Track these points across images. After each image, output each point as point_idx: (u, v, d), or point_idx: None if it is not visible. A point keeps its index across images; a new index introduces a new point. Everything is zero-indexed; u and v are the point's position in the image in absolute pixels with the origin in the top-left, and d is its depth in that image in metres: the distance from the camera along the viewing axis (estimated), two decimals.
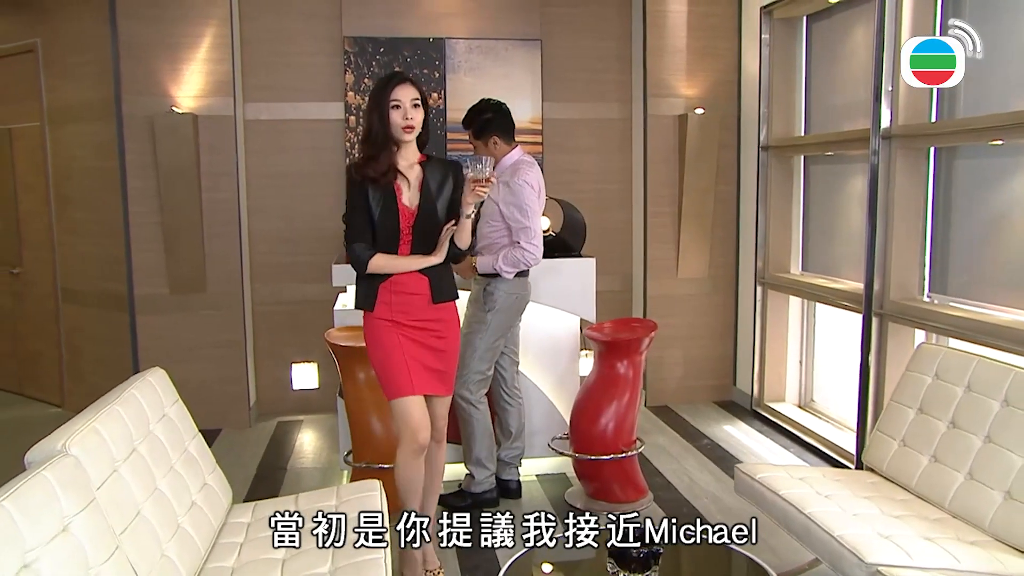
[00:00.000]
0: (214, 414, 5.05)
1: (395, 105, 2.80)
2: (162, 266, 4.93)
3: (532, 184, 3.60)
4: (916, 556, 2.34)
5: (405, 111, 2.80)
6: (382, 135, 2.81)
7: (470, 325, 3.67)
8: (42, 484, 1.80)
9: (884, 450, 3.07)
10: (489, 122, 3.72)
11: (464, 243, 2.91)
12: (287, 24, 5.16)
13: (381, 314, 2.91)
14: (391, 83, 2.82)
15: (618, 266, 5.67)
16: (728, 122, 5.32)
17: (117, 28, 4.74)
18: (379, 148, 2.81)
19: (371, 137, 2.83)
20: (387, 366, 2.90)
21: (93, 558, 1.84)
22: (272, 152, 5.24)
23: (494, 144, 3.71)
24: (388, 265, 2.86)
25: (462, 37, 5.34)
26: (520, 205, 3.57)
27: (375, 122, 2.82)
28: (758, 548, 3.24)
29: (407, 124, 2.81)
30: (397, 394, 2.88)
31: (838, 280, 4.61)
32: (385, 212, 2.84)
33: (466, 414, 3.74)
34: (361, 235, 2.85)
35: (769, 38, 4.96)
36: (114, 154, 4.83)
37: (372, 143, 2.82)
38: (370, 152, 2.83)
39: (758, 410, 5.18)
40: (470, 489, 3.83)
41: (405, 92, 2.81)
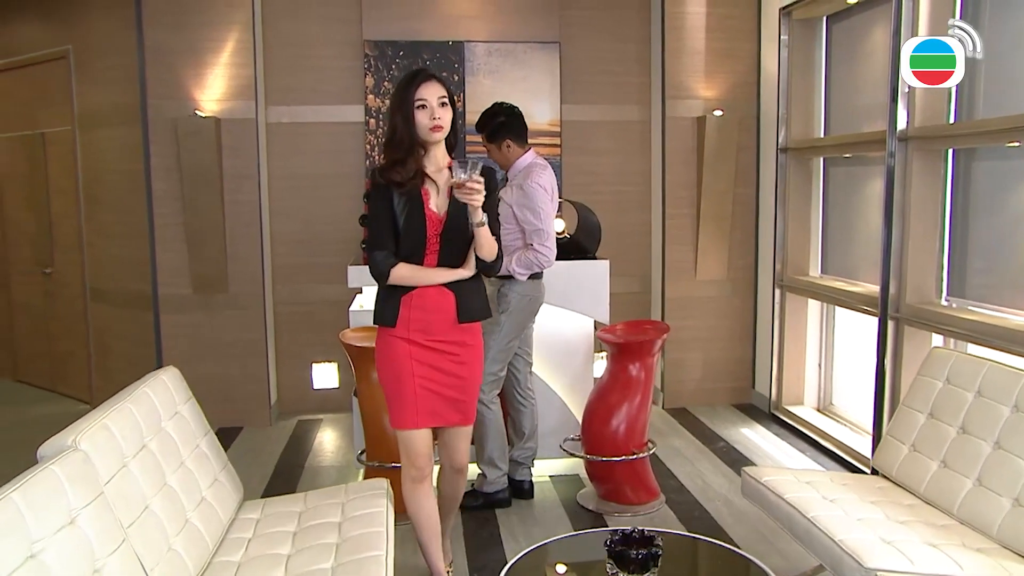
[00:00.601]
0: (236, 412, 5.15)
1: (421, 105, 2.58)
2: (185, 266, 5.04)
3: (545, 186, 3.62)
4: (918, 562, 2.32)
5: (432, 111, 2.58)
6: (408, 138, 2.59)
7: (483, 327, 3.69)
8: (50, 478, 1.87)
9: (894, 455, 3.05)
10: (502, 125, 3.75)
11: (486, 254, 2.66)
12: (308, 28, 5.24)
13: (398, 331, 2.68)
14: (415, 81, 2.59)
15: (637, 268, 5.67)
16: (747, 124, 5.30)
17: (143, 34, 4.86)
18: (405, 152, 2.60)
19: (395, 140, 2.61)
20: (395, 393, 2.72)
21: (99, 550, 1.90)
22: (293, 155, 5.32)
23: (507, 147, 3.74)
24: (412, 276, 2.64)
25: (481, 40, 5.38)
26: (533, 207, 3.59)
27: (399, 124, 2.59)
28: (767, 552, 3.27)
29: (435, 124, 2.59)
30: (400, 425, 2.73)
31: (856, 283, 4.57)
32: (411, 219, 2.61)
33: (478, 415, 3.75)
34: (383, 242, 2.63)
35: (788, 39, 4.93)
36: (140, 157, 4.95)
37: (397, 146, 2.60)
38: (396, 156, 2.61)
39: (776, 413, 5.15)
40: (482, 489, 3.86)
41: (431, 90, 2.59)
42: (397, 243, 2.64)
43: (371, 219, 2.70)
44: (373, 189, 2.67)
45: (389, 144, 2.65)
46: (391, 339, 2.70)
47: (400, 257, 2.65)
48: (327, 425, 5.26)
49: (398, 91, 2.63)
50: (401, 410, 2.71)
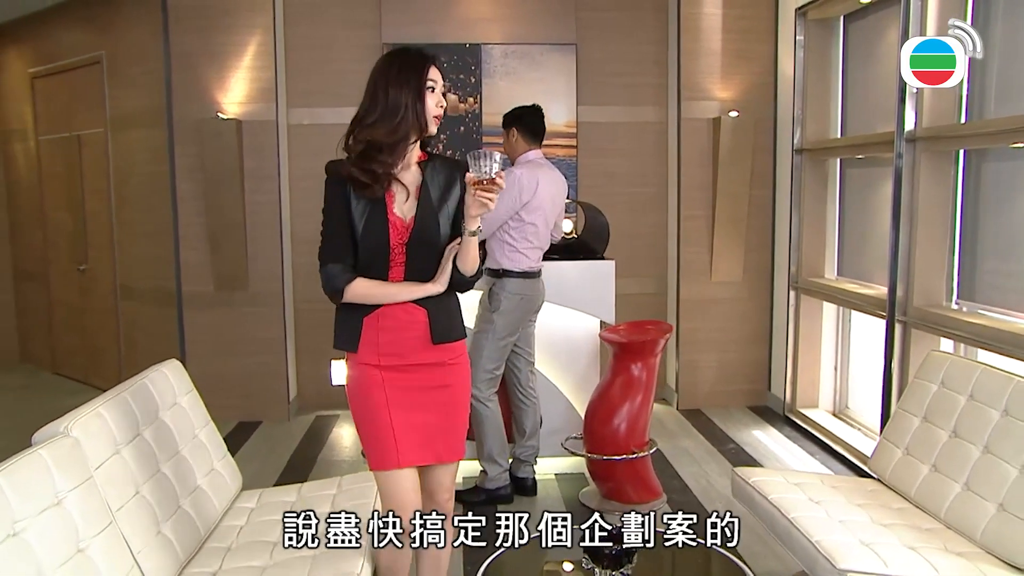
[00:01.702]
0: (255, 407, 5.30)
1: (431, 87, 2.23)
2: (208, 265, 5.19)
3: (521, 177, 3.68)
4: (892, 564, 2.31)
5: (439, 98, 2.26)
6: (414, 121, 2.20)
7: (478, 325, 3.78)
8: (37, 461, 1.96)
9: (888, 458, 3.03)
10: (516, 116, 3.86)
11: (469, 267, 2.27)
12: (328, 32, 5.36)
13: (366, 357, 2.29)
14: (427, 63, 2.24)
15: (653, 269, 5.68)
16: (763, 125, 5.27)
17: (169, 40, 5.03)
18: (401, 138, 2.20)
19: (384, 120, 2.18)
20: (369, 429, 2.31)
21: (84, 531, 1.99)
22: (313, 155, 5.42)
23: (513, 137, 3.85)
24: (372, 294, 2.25)
25: (498, 42, 5.44)
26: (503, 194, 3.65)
27: (406, 103, 2.18)
28: (763, 554, 3.26)
29: (439, 113, 2.27)
30: (379, 466, 2.30)
31: (870, 285, 4.52)
32: (371, 225, 2.22)
33: (476, 412, 3.81)
34: (338, 254, 2.24)
35: (804, 39, 4.89)
36: (165, 158, 5.12)
37: (390, 128, 2.18)
38: (385, 140, 2.19)
39: (790, 416, 5.11)
40: (484, 486, 3.92)
41: (438, 75, 2.27)
42: (356, 253, 2.25)
43: (325, 224, 2.28)
44: (329, 185, 2.27)
45: (378, 126, 2.19)
46: (360, 367, 2.31)
47: (359, 270, 2.26)
48: (344, 421, 5.36)
49: (404, 67, 2.21)
50: (381, 449, 2.28)
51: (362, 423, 2.34)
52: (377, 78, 2.24)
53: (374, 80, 2.24)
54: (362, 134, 2.22)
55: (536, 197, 3.72)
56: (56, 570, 1.86)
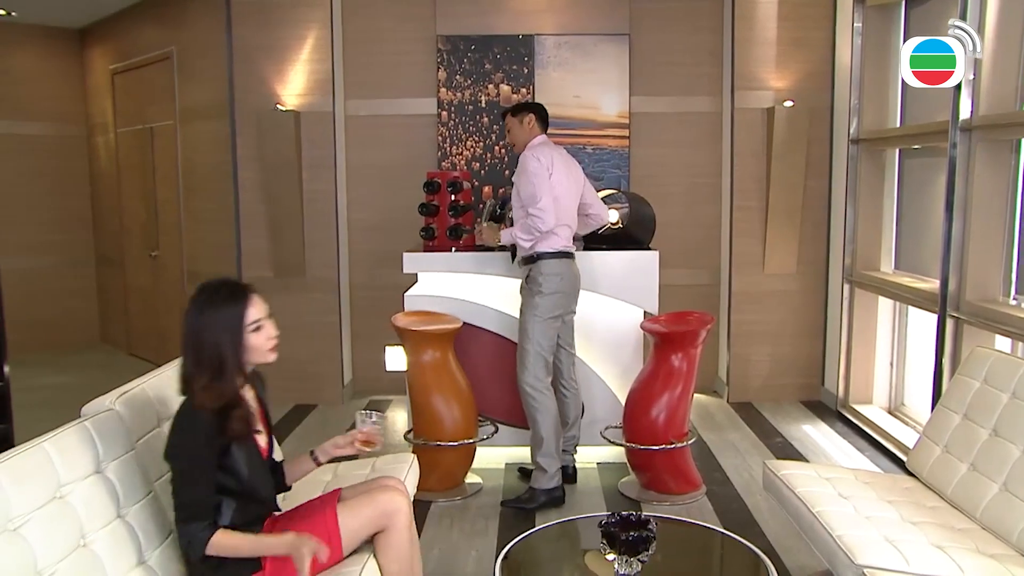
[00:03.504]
0: (311, 390, 5.47)
1: (257, 326, 2.17)
2: (267, 251, 5.38)
3: (540, 158, 3.72)
4: (915, 562, 2.27)
5: (271, 329, 2.21)
6: (238, 376, 2.14)
7: (524, 313, 3.80)
8: (81, 433, 2.11)
9: (926, 455, 2.96)
10: (530, 106, 3.95)
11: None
12: (383, 24, 5.47)
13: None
14: (244, 302, 2.14)
15: (706, 260, 5.63)
16: (819, 115, 5.15)
17: (232, 34, 5.22)
18: (229, 397, 2.10)
19: (213, 386, 2.08)
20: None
21: (124, 499, 2.14)
22: (368, 146, 5.58)
23: (529, 123, 3.88)
24: (231, 547, 2.08)
25: (551, 33, 5.46)
26: (526, 175, 3.72)
27: (228, 361, 2.09)
28: (796, 548, 3.23)
29: (274, 344, 2.22)
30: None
31: (926, 279, 4.39)
32: (256, 464, 2.18)
33: (534, 402, 3.77)
34: (207, 506, 2.07)
35: (862, 27, 4.76)
36: (228, 149, 5.33)
37: (218, 393, 2.08)
38: (219, 404, 2.07)
39: (843, 412, 5.00)
40: (540, 485, 3.76)
41: (260, 308, 2.20)
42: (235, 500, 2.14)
43: (188, 473, 2.06)
44: (199, 440, 2.04)
45: (210, 392, 2.07)
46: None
47: (242, 512, 2.15)
48: (397, 405, 5.49)
49: (219, 313, 2.12)
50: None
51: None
52: (195, 330, 2.11)
53: (192, 332, 2.11)
54: (200, 400, 2.06)
55: (555, 171, 3.73)
56: (97, 532, 2.00)
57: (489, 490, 4.01)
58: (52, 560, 1.83)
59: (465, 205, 4.49)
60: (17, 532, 1.78)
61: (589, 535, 2.77)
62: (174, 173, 6.12)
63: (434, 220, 4.49)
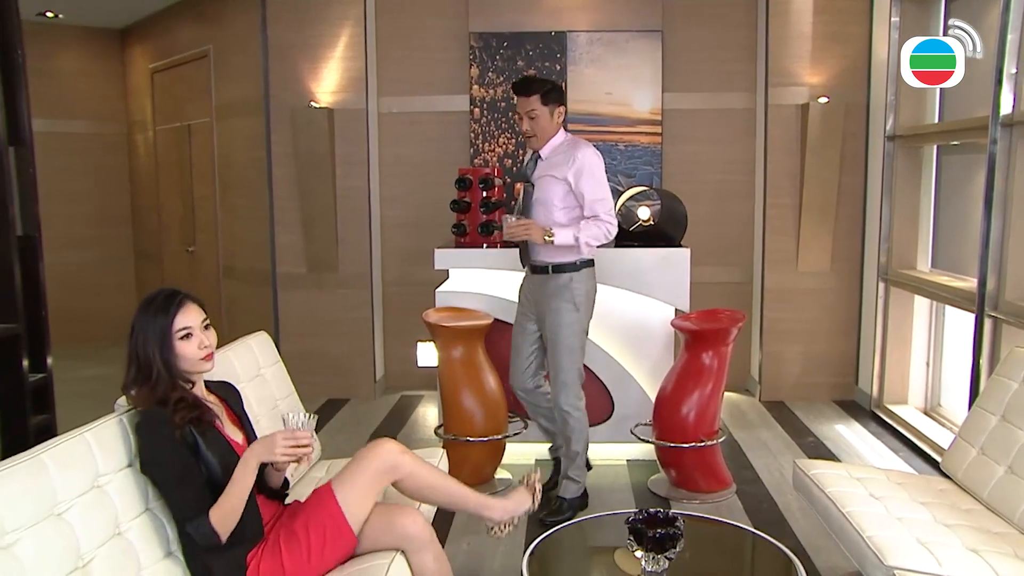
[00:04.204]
0: (343, 385, 5.54)
1: (187, 334, 2.17)
2: (301, 247, 5.45)
3: (598, 155, 3.49)
4: (947, 565, 2.24)
5: (202, 337, 2.21)
6: (166, 380, 2.14)
7: (558, 326, 3.52)
8: (118, 427, 2.16)
9: (962, 457, 2.91)
10: (559, 90, 3.52)
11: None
12: (417, 22, 5.51)
13: None
14: (174, 309, 2.17)
15: (739, 257, 5.59)
16: (854, 111, 5.08)
17: (267, 32, 5.29)
18: (159, 398, 2.12)
19: (144, 386, 2.14)
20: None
21: (152, 493, 2.16)
22: (401, 143, 5.62)
23: (559, 115, 3.50)
24: (232, 508, 2.11)
25: (584, 30, 5.45)
26: (596, 176, 3.43)
27: (155, 365, 2.13)
28: (826, 548, 3.21)
29: (208, 354, 2.22)
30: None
31: (963, 278, 4.32)
32: (229, 457, 2.17)
33: (574, 421, 3.60)
34: (203, 500, 2.10)
35: (900, 20, 4.67)
36: (262, 145, 5.40)
37: (149, 394, 2.13)
38: (157, 401, 2.12)
39: (877, 412, 4.94)
40: (571, 495, 3.67)
41: (193, 316, 2.21)
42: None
43: (173, 474, 2.09)
44: (167, 442, 2.09)
45: (143, 392, 2.14)
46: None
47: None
48: (428, 401, 5.53)
49: (151, 319, 2.15)
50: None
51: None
52: (132, 334, 2.16)
53: (130, 336, 2.17)
54: (135, 397, 2.16)
55: None
56: (130, 522, 2.05)
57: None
58: (92, 545, 1.89)
59: (497, 201, 4.50)
60: (62, 517, 1.84)
61: (617, 532, 2.78)
62: (210, 170, 6.22)
63: (466, 217, 4.51)
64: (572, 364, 3.56)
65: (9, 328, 2.89)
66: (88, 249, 7.42)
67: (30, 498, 1.78)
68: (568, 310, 3.50)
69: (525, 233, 3.40)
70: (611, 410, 4.31)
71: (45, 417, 3.04)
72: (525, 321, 3.74)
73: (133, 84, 7.49)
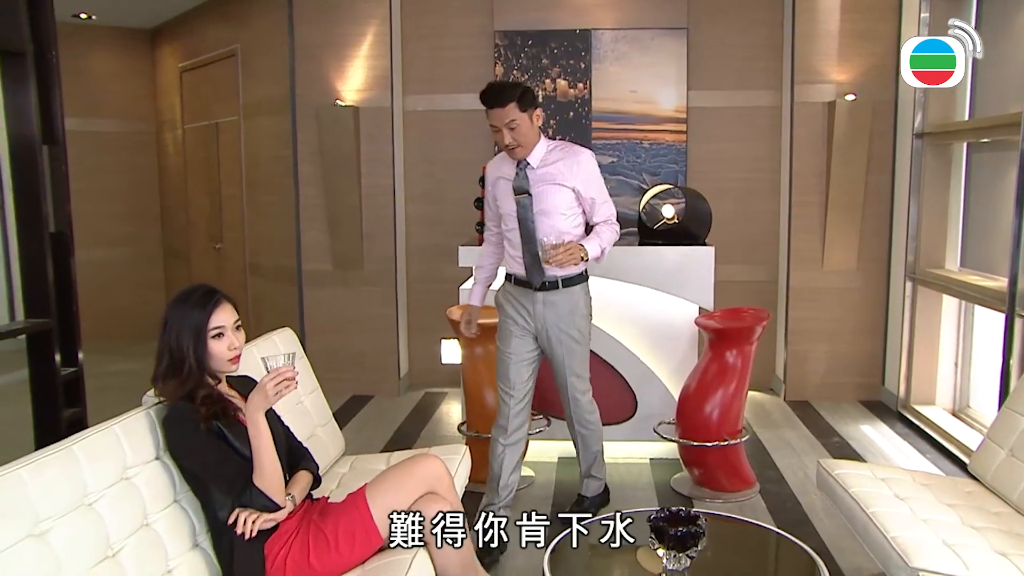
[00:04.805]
0: (368, 382, 5.58)
1: (219, 333, 2.21)
2: (327, 244, 5.50)
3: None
4: (974, 567, 2.22)
5: (232, 339, 2.25)
6: (196, 373, 2.19)
7: (578, 338, 3.32)
8: (146, 420, 2.20)
9: (991, 459, 2.88)
10: (532, 93, 3.19)
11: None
12: (442, 20, 5.53)
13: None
14: (211, 307, 2.21)
15: (764, 256, 5.55)
16: (881, 108, 5.03)
17: (294, 31, 5.34)
18: (186, 391, 2.17)
19: (172, 374, 2.18)
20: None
21: (180, 486, 2.21)
22: (426, 141, 5.64)
23: (538, 119, 3.21)
24: (272, 469, 2.20)
25: (609, 28, 5.44)
26: (599, 178, 3.27)
27: (188, 355, 2.17)
28: (851, 549, 3.18)
29: (234, 356, 2.26)
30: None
31: (993, 277, 4.26)
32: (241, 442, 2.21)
33: (598, 419, 3.53)
34: (244, 472, 2.19)
35: (930, 16, 4.62)
36: (289, 143, 5.46)
37: (178, 383, 2.18)
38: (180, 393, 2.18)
39: (904, 413, 4.89)
40: (592, 494, 3.64)
41: (227, 316, 2.24)
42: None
43: (208, 458, 2.17)
44: (195, 432, 2.14)
45: (169, 380, 2.19)
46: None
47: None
48: (452, 398, 5.56)
49: (189, 312, 2.19)
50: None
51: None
52: (166, 326, 2.19)
53: (163, 328, 2.20)
54: (163, 390, 2.20)
55: None
56: (158, 514, 2.09)
57: (541, 483, 4.04)
58: (121, 536, 1.93)
59: None
60: (92, 507, 1.88)
61: (640, 531, 2.77)
62: (238, 168, 6.29)
63: None
64: (587, 367, 3.42)
65: (42, 323, 2.94)
66: (118, 247, 7.53)
67: (62, 488, 1.82)
68: (584, 320, 3.34)
69: (570, 257, 3.06)
70: (634, 408, 4.31)
71: (76, 410, 3.08)
72: (524, 343, 3.33)
73: (162, 83, 7.59)
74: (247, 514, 2.15)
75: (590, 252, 3.15)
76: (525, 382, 3.37)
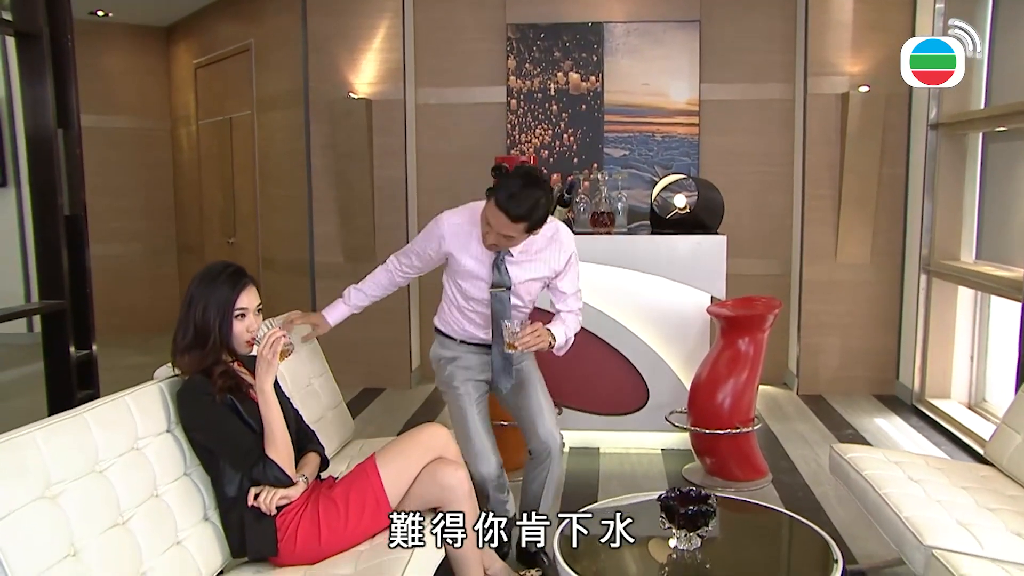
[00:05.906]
0: (380, 374, 5.59)
1: (241, 314, 2.25)
2: (338, 237, 5.51)
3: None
4: (989, 547, 2.19)
5: (251, 322, 2.28)
6: (218, 348, 2.23)
7: (535, 369, 3.07)
8: (157, 393, 2.21)
9: (1006, 444, 2.85)
10: (546, 219, 2.73)
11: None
12: (454, 13, 5.54)
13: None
14: (239, 287, 2.25)
15: (777, 249, 5.52)
16: (896, 100, 5.00)
17: (307, 24, 5.37)
18: (206, 366, 2.21)
19: (195, 347, 2.21)
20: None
21: (190, 459, 2.22)
22: (439, 134, 5.65)
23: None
24: (284, 442, 2.25)
25: (621, 20, 5.44)
26: (579, 273, 2.99)
27: (212, 329, 2.21)
28: (863, 536, 3.16)
29: (250, 339, 2.28)
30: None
31: (1010, 268, 4.22)
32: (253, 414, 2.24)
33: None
34: (258, 445, 2.22)
35: (945, 7, 4.58)
36: (302, 137, 5.48)
37: (199, 356, 2.21)
38: (197, 367, 2.21)
39: (918, 406, 4.85)
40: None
41: (251, 299, 2.28)
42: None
43: (222, 431, 2.20)
44: (213, 406, 2.18)
45: (191, 352, 2.21)
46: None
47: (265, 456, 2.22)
48: None
49: (216, 289, 2.23)
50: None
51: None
52: (192, 300, 2.22)
53: (188, 301, 2.23)
54: (181, 362, 2.22)
55: None
56: (168, 485, 2.10)
57: None
58: (132, 504, 1.94)
59: None
60: (103, 474, 1.89)
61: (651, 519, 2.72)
62: (251, 162, 6.33)
63: None
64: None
65: (56, 304, 2.96)
66: (133, 242, 7.58)
67: (74, 453, 1.83)
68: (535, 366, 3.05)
69: (539, 341, 2.73)
70: (646, 398, 4.29)
71: (89, 392, 3.11)
72: (477, 399, 3.02)
73: (177, 80, 7.64)
74: (264, 493, 2.18)
75: (556, 340, 2.81)
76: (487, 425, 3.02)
